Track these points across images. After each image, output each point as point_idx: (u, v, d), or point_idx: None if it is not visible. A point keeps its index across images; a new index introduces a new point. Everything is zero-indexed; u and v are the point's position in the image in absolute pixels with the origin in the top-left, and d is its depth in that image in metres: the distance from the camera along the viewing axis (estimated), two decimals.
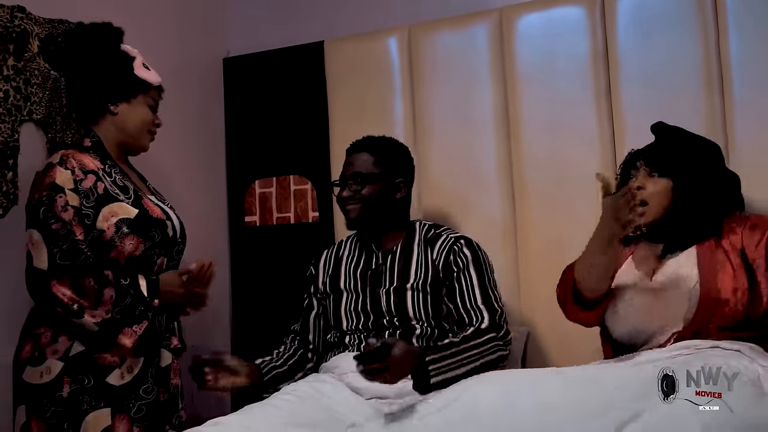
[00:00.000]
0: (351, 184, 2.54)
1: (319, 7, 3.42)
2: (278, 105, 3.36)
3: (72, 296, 2.15)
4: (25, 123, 2.48)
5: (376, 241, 2.61)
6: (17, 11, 2.46)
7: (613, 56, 2.78)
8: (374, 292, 2.53)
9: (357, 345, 2.50)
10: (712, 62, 2.64)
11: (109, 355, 2.22)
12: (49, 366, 2.19)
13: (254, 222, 3.38)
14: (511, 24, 2.92)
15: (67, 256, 2.17)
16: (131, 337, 2.21)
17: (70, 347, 2.20)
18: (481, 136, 2.96)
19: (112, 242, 2.24)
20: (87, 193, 2.23)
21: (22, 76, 2.46)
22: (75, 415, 2.18)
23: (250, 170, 3.40)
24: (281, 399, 2.23)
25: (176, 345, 2.40)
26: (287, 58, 3.35)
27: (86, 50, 2.35)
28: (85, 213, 2.22)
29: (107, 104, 2.36)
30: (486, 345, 2.28)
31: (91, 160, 2.30)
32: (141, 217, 2.29)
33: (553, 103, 2.85)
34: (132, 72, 2.37)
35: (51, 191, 2.19)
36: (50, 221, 2.17)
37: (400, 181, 2.59)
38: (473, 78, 2.99)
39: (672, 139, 2.31)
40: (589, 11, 2.82)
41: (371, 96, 3.15)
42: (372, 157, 2.55)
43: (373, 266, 2.58)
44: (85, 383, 2.19)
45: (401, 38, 3.11)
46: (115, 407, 2.22)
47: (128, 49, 2.40)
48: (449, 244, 2.51)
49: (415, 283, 2.48)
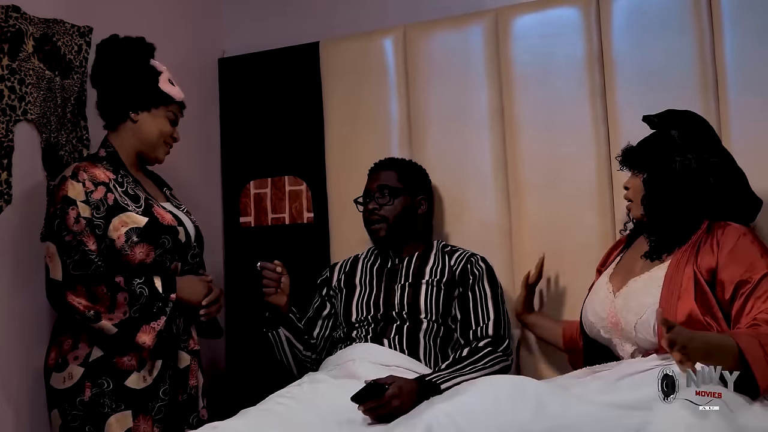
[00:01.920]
0: (377, 197, 2.70)
1: (315, 8, 3.42)
2: (274, 105, 3.36)
3: (87, 304, 2.25)
4: (19, 123, 2.47)
5: (396, 252, 2.74)
6: (12, 11, 2.45)
7: (608, 57, 2.78)
8: (389, 287, 2.65)
9: (364, 337, 2.58)
10: (707, 64, 2.64)
11: (127, 359, 2.31)
12: (71, 372, 2.30)
13: (249, 222, 3.38)
14: (506, 25, 2.92)
15: (80, 266, 2.26)
16: (150, 333, 2.29)
17: (89, 353, 2.31)
18: (476, 137, 2.96)
19: (123, 251, 2.32)
20: (97, 204, 2.32)
21: (17, 75, 2.45)
22: (96, 417, 2.28)
23: (245, 171, 3.40)
24: (277, 402, 2.26)
25: (194, 347, 2.49)
26: (283, 59, 3.34)
27: (116, 60, 2.45)
28: (96, 223, 2.31)
29: (128, 111, 2.46)
30: (486, 359, 2.40)
31: (103, 172, 2.39)
32: (150, 225, 2.36)
33: (548, 104, 2.85)
34: (157, 85, 2.47)
35: (63, 204, 2.29)
36: (63, 233, 2.28)
37: (422, 198, 2.77)
38: (469, 78, 2.99)
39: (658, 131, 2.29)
40: (584, 12, 2.81)
41: (367, 96, 3.14)
42: (395, 174, 2.74)
43: (389, 265, 2.71)
44: (105, 387, 2.29)
45: (397, 38, 3.10)
46: (136, 409, 2.31)
47: (157, 64, 2.52)
48: (467, 256, 2.67)
49: (430, 279, 2.61)
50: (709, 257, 2.10)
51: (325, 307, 2.79)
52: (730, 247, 2.09)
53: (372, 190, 2.74)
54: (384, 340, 2.53)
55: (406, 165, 2.81)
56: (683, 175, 2.19)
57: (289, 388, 2.37)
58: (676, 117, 2.28)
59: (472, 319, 2.53)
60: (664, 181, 2.21)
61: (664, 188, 2.21)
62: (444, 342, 2.55)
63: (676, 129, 2.23)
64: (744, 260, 2.06)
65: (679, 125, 2.24)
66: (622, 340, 2.20)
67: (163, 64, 2.55)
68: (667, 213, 2.21)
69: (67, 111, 2.62)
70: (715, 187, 2.19)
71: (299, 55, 3.30)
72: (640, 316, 2.12)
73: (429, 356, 2.52)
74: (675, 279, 2.10)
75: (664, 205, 2.21)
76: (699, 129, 2.25)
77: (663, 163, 2.21)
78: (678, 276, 2.10)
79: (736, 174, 2.25)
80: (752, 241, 2.11)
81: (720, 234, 2.13)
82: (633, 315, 2.14)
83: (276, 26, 3.46)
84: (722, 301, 2.06)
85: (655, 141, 2.27)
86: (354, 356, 2.48)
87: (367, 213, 2.72)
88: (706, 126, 2.29)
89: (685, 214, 2.19)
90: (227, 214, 3.44)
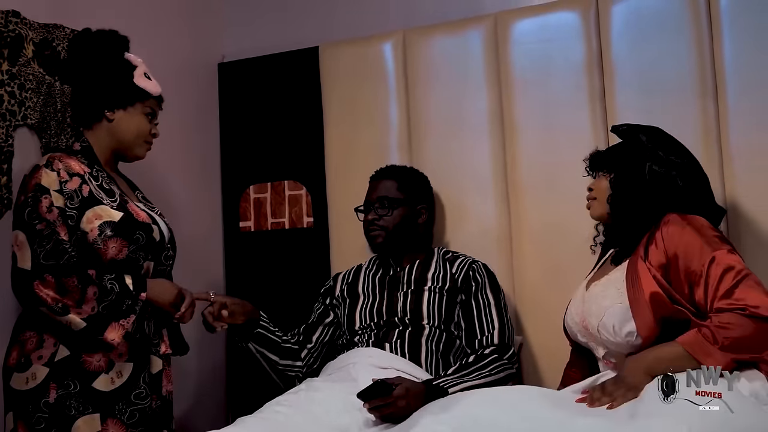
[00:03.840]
0: (377, 208, 2.71)
1: (314, 12, 3.42)
2: (273, 110, 3.36)
3: (55, 296, 2.15)
4: (19, 128, 2.47)
5: (397, 261, 2.75)
6: (11, 16, 2.46)
7: (607, 61, 2.78)
8: (392, 295, 2.66)
9: (366, 341, 2.59)
10: (706, 67, 2.64)
11: (95, 360, 2.22)
12: (34, 372, 2.19)
13: (249, 227, 3.38)
14: (505, 29, 2.92)
15: (51, 255, 2.17)
16: (118, 331, 2.20)
17: (55, 352, 2.20)
18: (476, 141, 2.96)
19: (96, 244, 2.24)
20: (72, 194, 2.24)
21: (17, 80, 2.45)
22: (62, 420, 2.17)
23: (245, 175, 3.40)
24: (274, 410, 2.25)
25: (165, 351, 2.40)
26: (282, 63, 3.35)
27: (89, 55, 2.36)
28: (69, 214, 2.22)
29: (103, 110, 2.37)
30: (491, 366, 2.41)
31: (78, 164, 2.31)
32: (125, 220, 2.28)
33: (547, 108, 2.85)
34: (131, 80, 2.38)
35: (36, 192, 2.20)
36: (34, 222, 2.18)
37: (422, 207, 2.78)
38: (468, 83, 2.99)
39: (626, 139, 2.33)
40: (583, 16, 2.82)
41: (366, 101, 3.15)
42: (395, 183, 2.75)
43: (391, 273, 2.72)
44: (72, 389, 2.19)
45: (396, 43, 3.11)
46: (105, 412, 2.21)
47: (132, 57, 2.42)
48: (468, 263, 2.67)
49: (433, 286, 2.62)
50: (656, 254, 2.11)
51: (328, 315, 2.80)
52: (674, 241, 2.09)
53: (372, 200, 2.75)
54: (386, 345, 2.54)
55: (407, 174, 2.81)
56: (651, 175, 2.21)
57: (286, 396, 2.36)
58: (642, 127, 2.32)
59: (476, 328, 2.55)
60: (633, 180, 2.22)
61: (632, 188, 2.22)
62: (446, 348, 2.55)
63: (645, 135, 2.27)
64: (689, 252, 2.06)
65: (646, 132, 2.28)
66: (594, 343, 2.23)
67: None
68: (631, 212, 2.22)
69: (67, 116, 2.61)
70: (683, 189, 2.20)
71: (299, 59, 3.31)
72: (600, 318, 2.15)
73: (430, 361, 2.52)
74: (632, 277, 2.12)
75: (631, 204, 2.22)
76: (665, 136, 2.29)
77: (632, 163, 2.24)
78: (634, 274, 2.12)
79: (701, 179, 2.26)
80: (693, 230, 2.10)
81: (664, 230, 2.13)
82: (595, 318, 2.17)
83: (275, 31, 3.46)
84: (681, 293, 2.07)
85: (624, 145, 2.32)
86: (355, 359, 2.48)
87: (367, 223, 2.73)
88: (671, 137, 2.31)
89: (649, 214, 2.20)
90: (227, 219, 3.44)
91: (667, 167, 2.20)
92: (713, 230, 2.12)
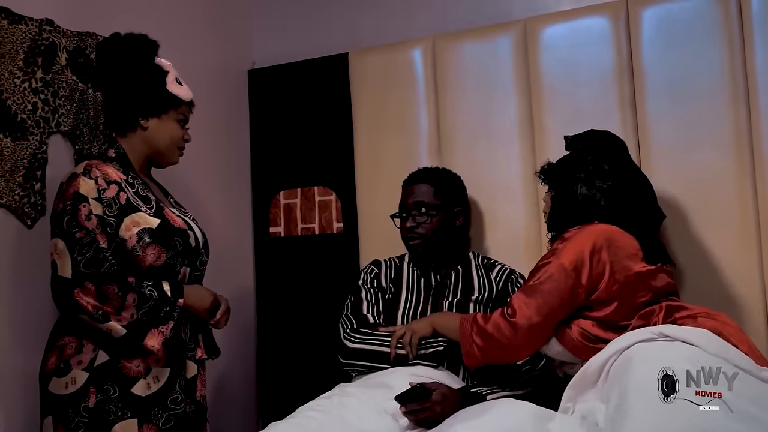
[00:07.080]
0: (415, 215, 2.68)
1: (344, 19, 3.44)
2: (303, 116, 3.38)
3: (95, 304, 2.17)
4: (53, 135, 2.50)
5: (437, 266, 2.72)
6: (45, 24, 2.49)
7: (637, 67, 2.76)
8: (437, 302, 2.63)
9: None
10: (737, 73, 2.62)
11: (134, 365, 2.23)
12: (74, 376, 2.20)
13: (279, 233, 3.40)
14: (535, 35, 2.92)
15: (91, 264, 2.18)
16: (158, 337, 2.22)
17: (94, 357, 2.21)
18: (505, 147, 2.96)
19: (134, 251, 2.25)
20: (110, 202, 2.25)
21: (51, 88, 2.48)
22: (101, 425, 2.18)
23: (275, 181, 3.42)
24: (306, 415, 2.24)
25: (201, 356, 2.41)
26: (312, 70, 3.37)
27: (120, 62, 2.37)
28: (108, 222, 2.23)
29: (137, 118, 2.38)
30: (526, 376, 2.43)
31: (114, 171, 2.31)
32: (162, 226, 2.29)
33: (577, 114, 2.84)
34: (164, 87, 2.39)
35: (75, 200, 2.21)
36: (74, 230, 2.19)
37: (459, 210, 2.75)
38: (498, 89, 2.99)
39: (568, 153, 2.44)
40: (613, 22, 2.81)
41: (396, 107, 3.15)
42: (432, 188, 2.71)
43: (435, 281, 2.69)
44: (111, 393, 2.20)
45: (426, 49, 3.11)
46: (142, 417, 2.22)
47: (162, 62, 2.42)
48: (507, 272, 2.69)
49: (479, 296, 2.61)
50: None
51: (372, 299, 2.72)
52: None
53: (408, 205, 2.71)
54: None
55: (443, 177, 2.78)
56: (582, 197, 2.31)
57: (318, 401, 2.35)
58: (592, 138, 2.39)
59: None
60: (566, 202, 2.34)
61: (564, 208, 2.34)
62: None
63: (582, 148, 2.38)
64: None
65: (591, 147, 2.37)
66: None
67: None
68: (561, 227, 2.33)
69: (99, 123, 2.63)
70: (605, 208, 2.28)
71: (328, 66, 3.32)
72: None
73: (468, 373, 2.49)
74: None
75: (563, 222, 2.33)
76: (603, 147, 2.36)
77: (566, 184, 2.35)
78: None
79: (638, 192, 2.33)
80: (559, 244, 2.23)
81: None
82: None
83: (305, 38, 3.48)
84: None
85: (564, 161, 2.41)
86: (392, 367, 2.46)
87: (405, 231, 2.71)
88: (620, 145, 2.38)
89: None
90: (257, 225, 3.46)
91: (594, 189, 2.30)
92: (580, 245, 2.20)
